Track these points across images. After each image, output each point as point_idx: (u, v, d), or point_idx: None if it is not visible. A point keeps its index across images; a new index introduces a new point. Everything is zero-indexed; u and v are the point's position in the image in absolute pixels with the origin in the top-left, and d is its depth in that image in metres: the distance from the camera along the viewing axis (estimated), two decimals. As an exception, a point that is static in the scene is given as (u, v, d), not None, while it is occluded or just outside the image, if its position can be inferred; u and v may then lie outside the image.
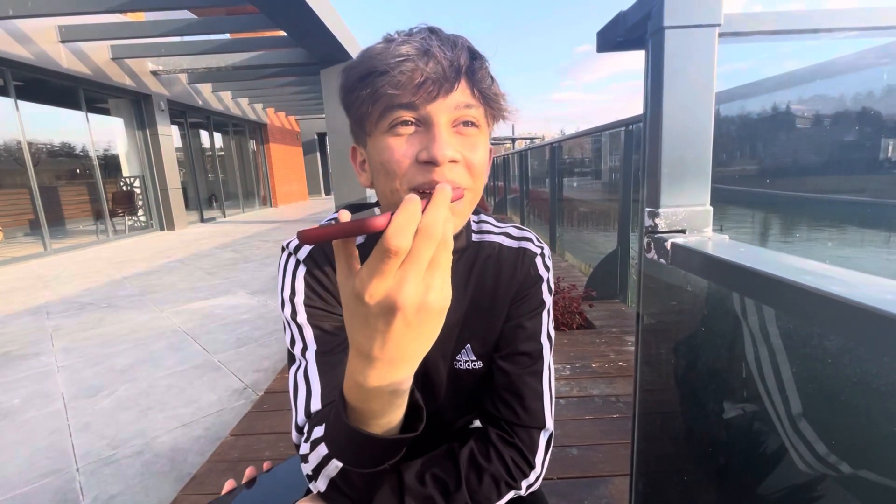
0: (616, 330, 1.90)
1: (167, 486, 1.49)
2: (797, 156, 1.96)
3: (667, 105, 0.53)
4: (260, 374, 2.32)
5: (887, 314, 0.27)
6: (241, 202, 13.35)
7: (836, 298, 0.31)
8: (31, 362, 2.60)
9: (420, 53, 0.47)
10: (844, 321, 0.31)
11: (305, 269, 0.59)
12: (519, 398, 0.59)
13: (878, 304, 0.28)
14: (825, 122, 1.63)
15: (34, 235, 6.71)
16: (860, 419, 0.45)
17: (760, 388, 0.55)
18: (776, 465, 0.58)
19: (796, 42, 1.05)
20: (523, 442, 0.58)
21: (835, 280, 0.32)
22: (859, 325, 0.30)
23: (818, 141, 1.61)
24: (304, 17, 5.56)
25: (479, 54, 0.51)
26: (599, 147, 5.06)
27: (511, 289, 0.61)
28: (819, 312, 0.33)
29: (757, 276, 0.40)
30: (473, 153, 0.50)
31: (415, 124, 0.48)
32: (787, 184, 2.05)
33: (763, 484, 0.60)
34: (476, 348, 0.63)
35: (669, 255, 0.53)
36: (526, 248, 0.63)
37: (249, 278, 4.55)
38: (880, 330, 0.28)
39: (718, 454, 0.67)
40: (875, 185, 1.67)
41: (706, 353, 0.67)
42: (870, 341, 0.30)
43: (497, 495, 0.56)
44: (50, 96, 7.16)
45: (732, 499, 0.65)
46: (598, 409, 1.26)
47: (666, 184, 0.55)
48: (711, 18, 0.51)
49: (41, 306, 3.80)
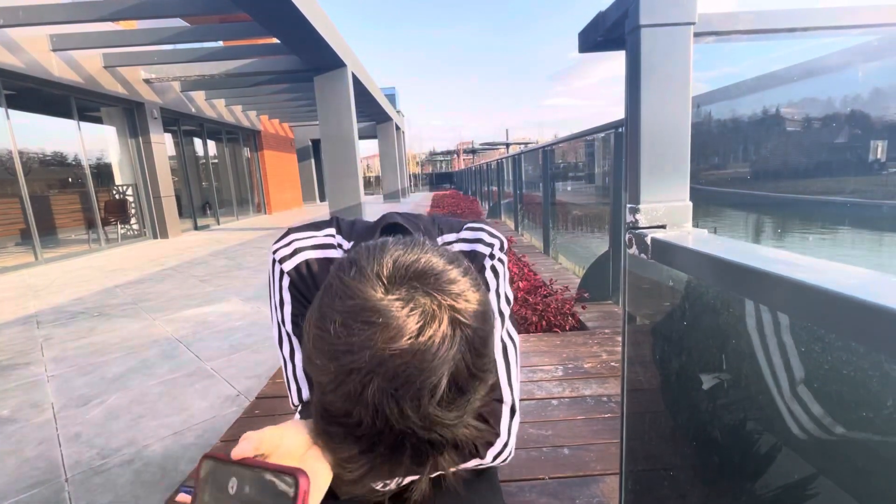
0: (609, 331, 1.91)
1: (157, 495, 1.47)
2: (776, 157, 1.98)
3: (644, 103, 0.53)
4: (253, 380, 2.31)
5: (850, 298, 0.28)
6: (235, 209, 13.31)
7: (803, 285, 0.31)
8: (21, 372, 2.57)
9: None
10: (811, 306, 0.32)
11: (289, 280, 0.63)
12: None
13: (841, 288, 0.29)
14: (806, 123, 1.65)
15: (24, 245, 6.64)
16: (842, 411, 0.46)
17: (743, 381, 0.55)
18: (760, 459, 0.58)
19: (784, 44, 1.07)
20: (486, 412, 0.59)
21: (802, 268, 0.33)
22: (825, 310, 0.30)
23: (796, 141, 1.63)
24: (297, 24, 5.59)
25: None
26: (592, 151, 5.10)
27: None
28: (788, 299, 0.33)
29: (731, 267, 0.40)
30: None
31: None
32: (770, 185, 2.07)
33: (748, 478, 0.60)
34: None
35: (650, 250, 0.54)
36: (476, 251, 0.64)
37: (243, 285, 4.53)
38: (844, 314, 0.29)
39: (705, 450, 0.68)
40: (858, 185, 1.70)
41: (691, 349, 0.68)
42: (836, 325, 0.31)
43: (461, 459, 0.57)
44: (41, 105, 7.13)
45: (719, 493, 0.66)
46: (590, 409, 1.26)
47: (645, 180, 0.55)
48: (686, 17, 0.52)
49: (31, 316, 3.76)
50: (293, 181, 18.22)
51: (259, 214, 14.79)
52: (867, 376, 0.39)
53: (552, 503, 0.90)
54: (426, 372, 0.36)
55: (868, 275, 0.30)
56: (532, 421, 1.21)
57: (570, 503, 0.90)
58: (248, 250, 6.98)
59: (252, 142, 14.55)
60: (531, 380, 1.48)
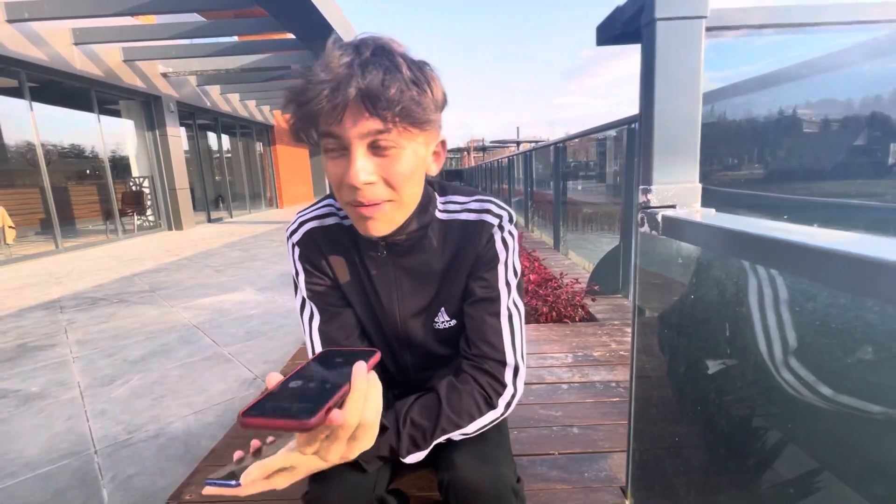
0: (618, 322, 1.95)
1: (182, 468, 1.55)
2: (779, 156, 1.97)
3: (658, 90, 0.58)
4: (269, 365, 2.38)
5: (838, 252, 0.32)
6: (247, 203, 13.48)
7: (798, 245, 0.36)
8: (48, 353, 2.67)
9: (337, 80, 0.50)
10: (808, 264, 0.36)
11: (299, 251, 0.72)
12: (481, 335, 0.68)
13: (830, 245, 0.33)
14: (809, 120, 1.64)
15: (46, 234, 6.83)
16: (833, 377, 0.50)
17: (742, 361, 0.60)
18: (756, 433, 0.62)
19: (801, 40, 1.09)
20: (492, 368, 0.67)
21: (796, 233, 0.37)
22: (816, 265, 0.34)
23: (803, 140, 1.63)
24: (312, 19, 5.65)
25: (396, 68, 0.53)
26: (603, 150, 5.10)
27: (472, 256, 0.69)
28: (785, 258, 0.37)
29: (737, 237, 0.45)
30: (391, 170, 0.56)
31: (339, 149, 0.55)
32: (776, 188, 2.06)
33: (748, 454, 0.64)
34: (449, 310, 0.72)
35: (660, 227, 0.58)
36: (484, 220, 0.70)
37: (257, 276, 4.62)
38: (835, 268, 0.33)
39: (707, 429, 0.72)
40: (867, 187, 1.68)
41: (696, 335, 0.72)
42: (826, 277, 0.35)
43: (478, 410, 0.65)
44: (63, 98, 7.30)
45: (720, 468, 0.70)
46: (599, 393, 1.30)
47: (658, 163, 0.60)
48: (699, 11, 0.56)
49: (54, 301, 3.88)
50: (305, 176, 18.36)
51: (271, 208, 14.96)
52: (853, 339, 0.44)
53: (562, 475, 0.95)
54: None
55: (848, 236, 0.35)
56: (542, 402, 1.26)
57: (580, 476, 0.95)
58: (262, 243, 7.10)
59: (265, 136, 14.71)
60: (542, 365, 1.52)
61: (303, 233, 0.72)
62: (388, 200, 0.58)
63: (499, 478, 0.64)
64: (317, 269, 0.72)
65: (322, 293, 0.72)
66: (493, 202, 0.71)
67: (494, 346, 0.68)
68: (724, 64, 0.92)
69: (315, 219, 0.72)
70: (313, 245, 0.71)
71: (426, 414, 0.63)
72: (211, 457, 1.08)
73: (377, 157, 0.55)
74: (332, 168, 0.57)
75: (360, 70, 0.51)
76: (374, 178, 0.55)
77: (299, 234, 0.72)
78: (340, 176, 0.56)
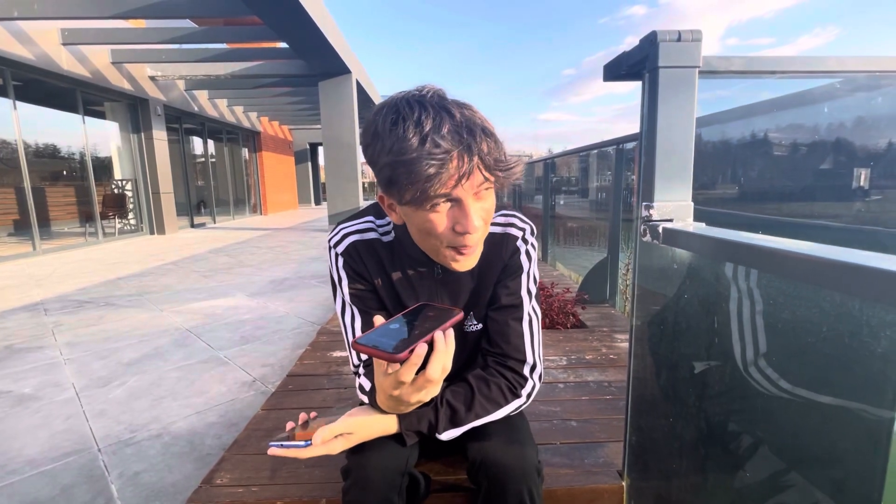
0: (607, 329, 2.07)
1: (189, 465, 1.58)
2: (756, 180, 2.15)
3: (660, 124, 0.70)
4: (267, 368, 2.42)
5: (799, 254, 0.44)
6: (231, 209, 13.34)
7: (772, 249, 0.47)
8: (36, 355, 2.64)
9: (451, 150, 0.56)
10: (776, 262, 0.48)
11: (342, 259, 0.80)
12: (505, 337, 0.78)
13: (794, 248, 0.45)
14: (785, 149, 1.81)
15: (22, 235, 6.64)
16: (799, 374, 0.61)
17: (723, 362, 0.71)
18: (733, 426, 0.73)
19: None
20: (515, 365, 0.78)
21: (770, 241, 0.49)
22: (786, 265, 0.46)
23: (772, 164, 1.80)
24: (308, 31, 5.76)
25: (488, 127, 0.59)
26: (586, 167, 5.31)
27: (499, 266, 0.80)
28: (761, 260, 0.49)
29: (724, 244, 0.56)
30: (488, 210, 0.65)
31: (448, 201, 0.61)
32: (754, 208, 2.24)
33: (731, 440, 0.76)
34: (477, 315, 0.83)
35: (661, 237, 0.70)
36: (509, 234, 0.80)
37: (246, 281, 4.62)
38: (796, 266, 0.45)
39: (697, 420, 0.83)
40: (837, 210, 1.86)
41: (684, 339, 0.84)
42: (793, 274, 0.47)
43: (504, 399, 0.76)
44: (47, 98, 7.17)
45: (708, 455, 0.81)
46: (593, 391, 1.41)
47: (658, 185, 0.72)
48: (693, 61, 0.69)
49: (37, 304, 3.81)
50: (290, 183, 18.28)
51: (255, 215, 14.81)
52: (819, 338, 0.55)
53: (565, 461, 1.05)
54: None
55: (812, 245, 0.47)
56: (542, 399, 1.36)
57: (581, 462, 1.05)
58: (249, 249, 7.06)
59: (251, 143, 14.63)
60: (539, 367, 1.63)
61: (346, 244, 0.79)
62: (481, 236, 0.67)
63: (525, 457, 0.73)
64: (359, 275, 0.79)
65: (362, 297, 0.80)
66: (516, 216, 0.82)
67: (517, 348, 0.78)
68: (702, 89, 1.06)
69: (357, 232, 0.80)
70: (356, 255, 0.79)
71: (460, 398, 0.73)
72: (235, 447, 1.14)
73: (478, 202, 0.62)
74: (436, 218, 0.61)
75: (469, 136, 0.57)
76: (481, 222, 0.63)
77: (343, 245, 0.79)
78: (449, 224, 0.62)
